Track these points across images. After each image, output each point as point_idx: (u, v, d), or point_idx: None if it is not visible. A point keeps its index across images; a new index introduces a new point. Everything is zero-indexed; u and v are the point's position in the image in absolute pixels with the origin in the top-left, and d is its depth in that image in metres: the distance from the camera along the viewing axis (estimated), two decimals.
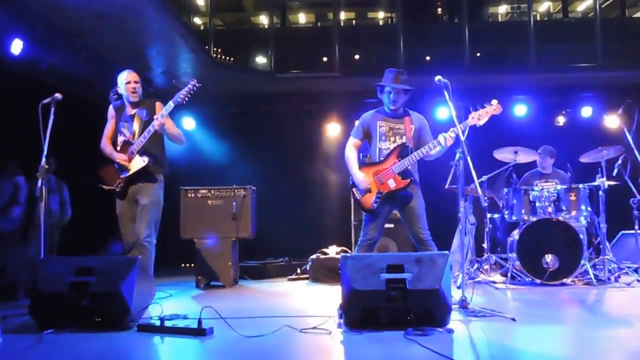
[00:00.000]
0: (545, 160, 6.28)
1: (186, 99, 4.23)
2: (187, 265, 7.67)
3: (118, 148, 4.44)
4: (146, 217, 4.34)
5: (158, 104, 4.44)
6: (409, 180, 4.02)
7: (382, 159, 4.11)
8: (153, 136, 4.29)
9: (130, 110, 4.47)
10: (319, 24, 16.72)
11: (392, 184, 4.02)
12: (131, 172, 4.34)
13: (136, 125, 4.40)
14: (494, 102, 3.95)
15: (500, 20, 17.10)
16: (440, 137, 3.94)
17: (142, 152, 4.32)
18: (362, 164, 4.22)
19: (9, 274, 5.20)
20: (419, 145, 4.10)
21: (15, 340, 3.11)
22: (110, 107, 4.57)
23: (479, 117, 3.93)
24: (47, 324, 3.26)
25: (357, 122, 4.35)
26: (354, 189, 4.19)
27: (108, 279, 3.30)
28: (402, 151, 4.05)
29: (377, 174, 4.09)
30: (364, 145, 4.34)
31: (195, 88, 4.26)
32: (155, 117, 4.25)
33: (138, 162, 4.32)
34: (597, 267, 5.65)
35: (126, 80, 4.41)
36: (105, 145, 4.51)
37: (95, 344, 3.00)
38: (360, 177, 4.09)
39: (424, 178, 4.33)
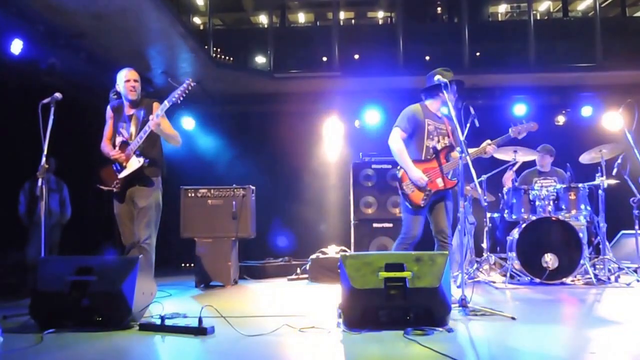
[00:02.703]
0: (544, 159, 6.30)
1: (181, 98, 4.19)
2: (187, 264, 7.68)
3: (116, 148, 4.43)
4: (145, 219, 4.34)
5: (156, 104, 4.43)
6: (456, 180, 4.11)
7: (429, 157, 4.18)
8: (150, 137, 4.28)
9: (128, 110, 4.46)
10: (318, 23, 16.74)
11: (440, 183, 4.12)
12: (128, 172, 4.34)
13: (133, 126, 4.39)
14: (534, 124, 4.31)
15: (500, 19, 17.12)
16: (489, 148, 4.22)
17: (138, 153, 4.32)
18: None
19: None
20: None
21: (15, 340, 3.10)
22: (108, 107, 4.55)
23: (519, 131, 4.26)
24: (47, 323, 3.27)
25: (404, 115, 4.25)
26: (403, 183, 4.16)
27: (109, 279, 3.31)
28: (450, 152, 4.22)
29: (425, 172, 4.14)
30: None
31: (190, 87, 4.21)
32: (150, 117, 4.24)
33: (134, 163, 4.31)
34: (597, 266, 5.66)
35: (125, 79, 4.38)
36: (105, 145, 4.50)
37: (96, 343, 3.01)
38: (419, 173, 4.09)
39: None
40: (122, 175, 4.35)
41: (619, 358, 2.57)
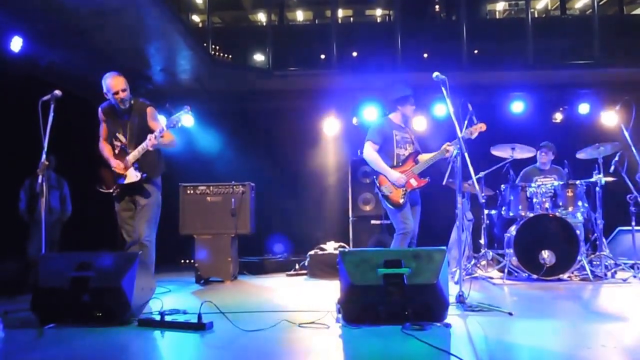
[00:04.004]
0: (546, 156, 6.33)
1: (179, 124, 4.31)
2: (187, 261, 7.70)
3: (116, 151, 4.46)
4: (145, 217, 4.39)
5: (149, 110, 4.46)
6: (428, 179, 4.57)
7: (400, 163, 4.64)
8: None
9: (121, 116, 4.47)
10: (316, 21, 16.72)
11: (414, 182, 4.56)
12: (126, 181, 4.39)
13: (129, 132, 4.43)
14: (484, 124, 4.54)
15: (498, 17, 17.12)
16: (449, 148, 4.40)
17: (137, 167, 4.37)
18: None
19: None
20: None
21: (16, 335, 3.13)
22: (99, 110, 4.54)
23: (471, 132, 4.50)
24: (48, 319, 3.29)
25: (373, 129, 4.72)
26: (382, 186, 4.54)
27: (108, 275, 3.33)
28: (417, 156, 4.68)
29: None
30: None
31: (188, 113, 4.44)
32: (149, 136, 4.28)
33: (132, 176, 4.38)
34: (594, 263, 5.69)
35: (113, 91, 4.35)
36: (103, 147, 4.53)
37: (96, 338, 3.03)
38: (398, 173, 4.52)
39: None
40: (121, 182, 4.40)
41: (615, 353, 2.59)
